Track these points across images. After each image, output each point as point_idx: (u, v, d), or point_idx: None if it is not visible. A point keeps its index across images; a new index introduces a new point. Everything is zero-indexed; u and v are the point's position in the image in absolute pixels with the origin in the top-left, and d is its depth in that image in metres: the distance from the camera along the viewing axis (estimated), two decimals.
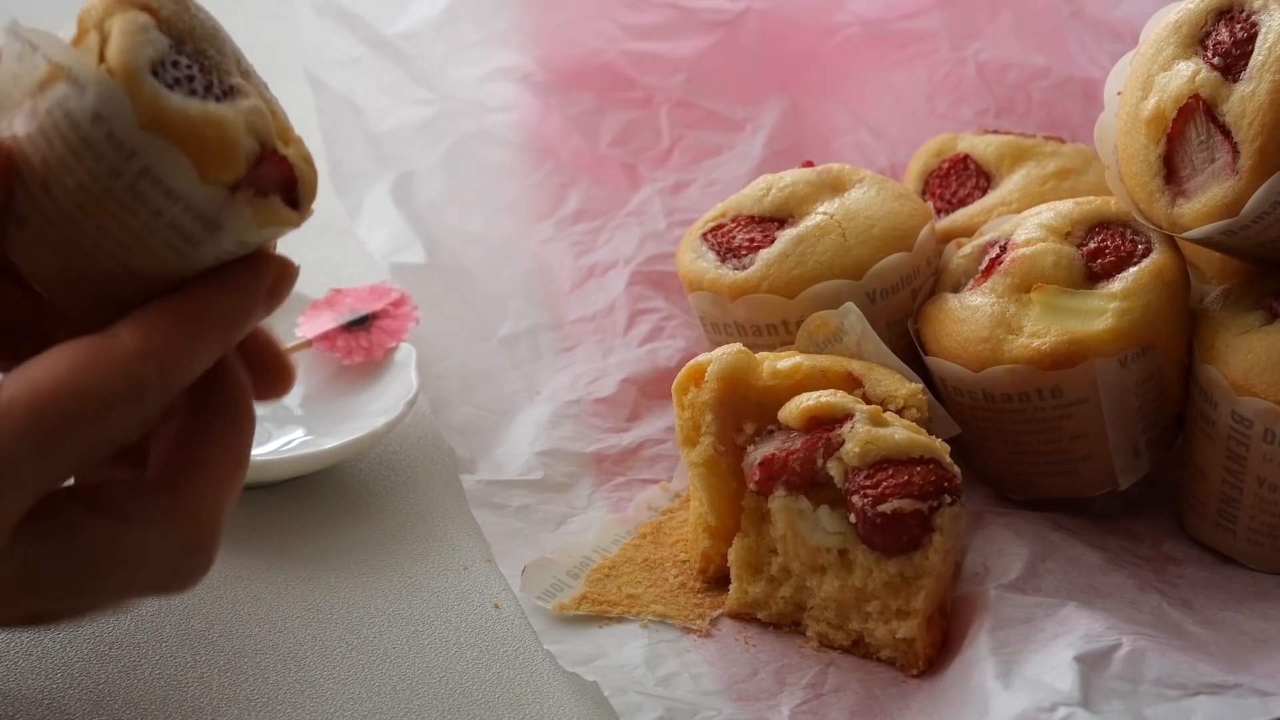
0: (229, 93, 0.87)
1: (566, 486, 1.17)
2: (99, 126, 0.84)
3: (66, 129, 0.84)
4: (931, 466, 1.02)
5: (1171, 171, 1.09)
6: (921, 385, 1.09)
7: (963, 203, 1.27)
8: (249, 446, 0.88)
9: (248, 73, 0.90)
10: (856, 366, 1.09)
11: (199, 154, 0.85)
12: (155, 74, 0.84)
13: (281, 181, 0.88)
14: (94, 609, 0.86)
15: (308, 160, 0.91)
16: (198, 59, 0.87)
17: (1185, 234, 1.09)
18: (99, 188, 0.85)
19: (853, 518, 1.03)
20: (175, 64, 0.85)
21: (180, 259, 0.87)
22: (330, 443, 1.16)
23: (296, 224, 0.90)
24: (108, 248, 0.87)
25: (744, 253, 1.18)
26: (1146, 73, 1.11)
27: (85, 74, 0.84)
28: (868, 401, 1.06)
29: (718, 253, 1.19)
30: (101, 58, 0.84)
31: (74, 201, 0.85)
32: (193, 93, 0.86)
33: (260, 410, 1.20)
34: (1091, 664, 0.99)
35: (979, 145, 1.29)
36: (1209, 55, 1.08)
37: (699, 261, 1.19)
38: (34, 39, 0.85)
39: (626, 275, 1.33)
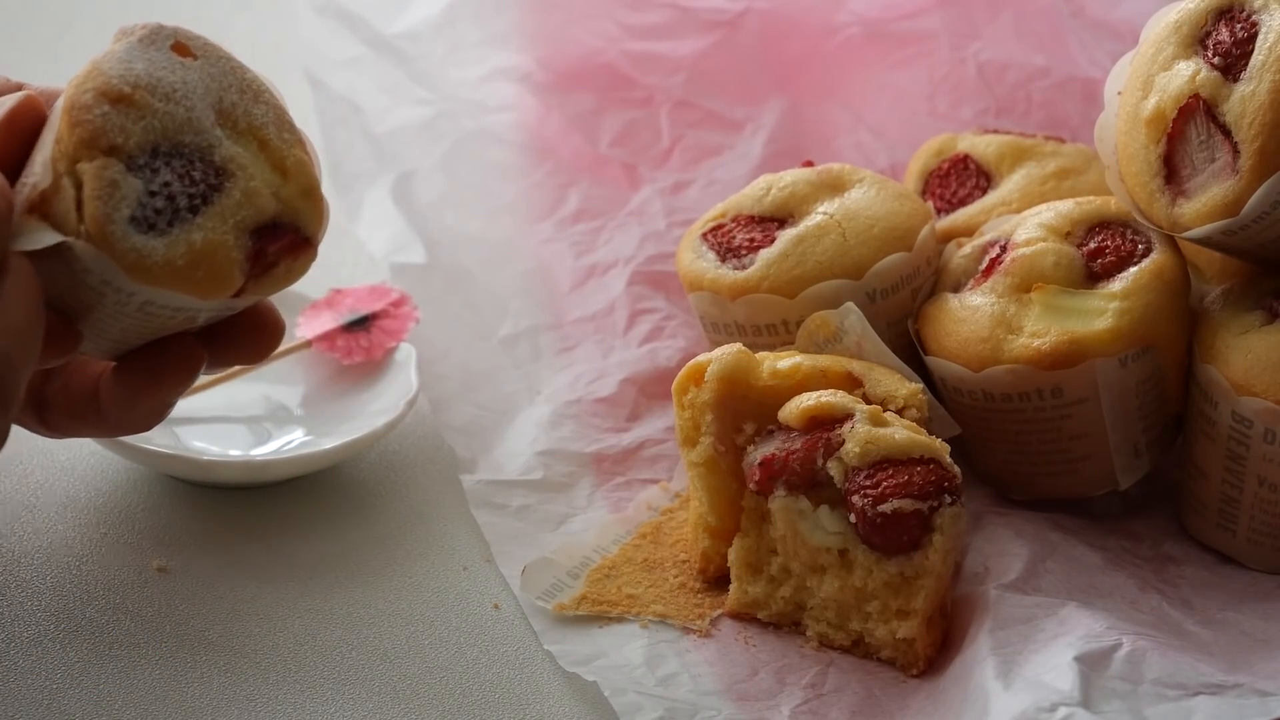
0: (215, 183, 0.89)
1: (566, 486, 1.17)
2: (93, 276, 0.86)
3: (65, 262, 0.87)
4: (931, 466, 1.02)
5: (1172, 171, 1.09)
6: (921, 385, 1.09)
7: (963, 203, 1.27)
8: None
9: (232, 108, 0.91)
10: (856, 366, 1.09)
11: (193, 290, 0.88)
12: (135, 219, 0.87)
13: (286, 247, 0.91)
14: None
15: (307, 191, 0.92)
16: (176, 154, 0.88)
17: (1185, 234, 1.09)
18: (109, 309, 0.89)
19: (853, 518, 1.03)
20: (153, 193, 0.88)
21: (202, 323, 0.93)
22: (330, 443, 1.16)
23: (313, 258, 0.93)
24: (131, 335, 0.92)
25: (744, 253, 1.18)
26: (1146, 73, 1.11)
27: (69, 230, 0.86)
28: (868, 401, 1.06)
29: (718, 253, 1.19)
30: (79, 214, 0.86)
31: (91, 312, 0.89)
32: (175, 214, 0.88)
33: (261, 410, 1.21)
34: (1092, 664, 0.99)
35: (979, 145, 1.29)
36: (1209, 55, 1.08)
37: (699, 261, 1.19)
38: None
39: (626, 275, 1.32)
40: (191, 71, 0.90)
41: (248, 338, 0.96)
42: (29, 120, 0.90)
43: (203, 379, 1.19)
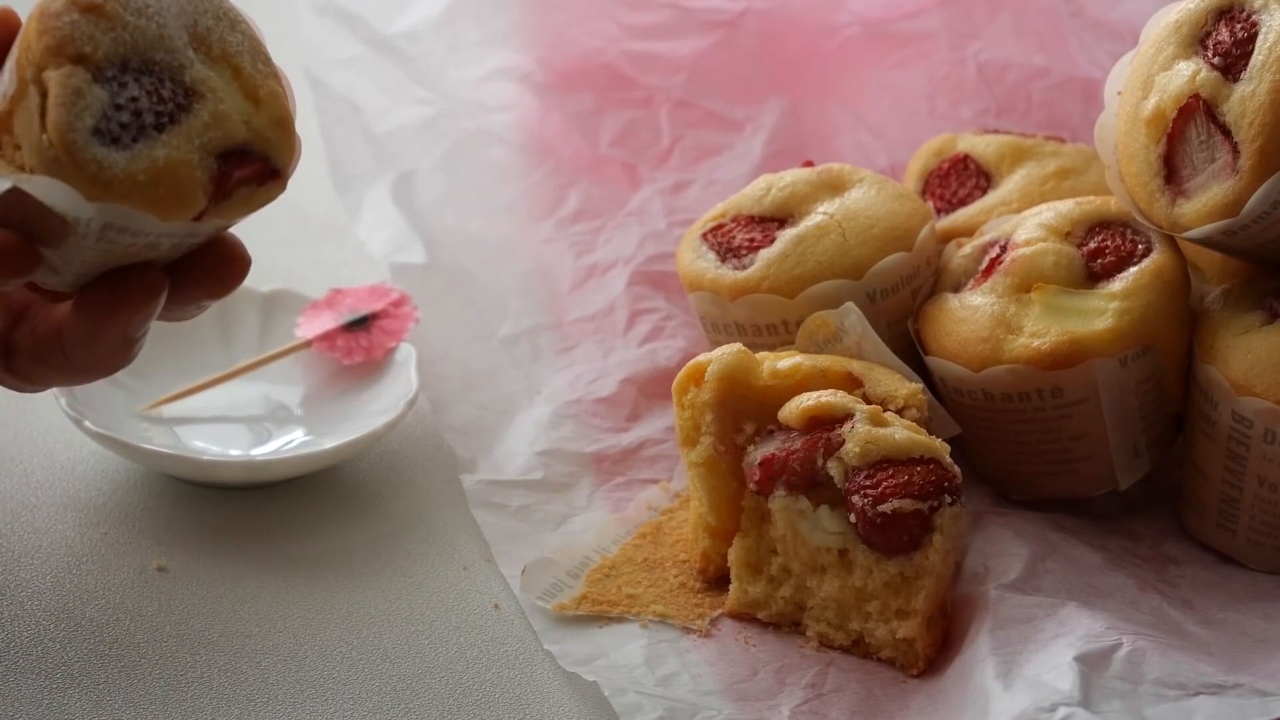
0: (184, 103, 0.88)
1: (566, 486, 1.17)
2: (50, 207, 0.85)
3: (24, 195, 0.86)
4: (931, 466, 1.02)
5: (1171, 171, 1.09)
6: (921, 385, 1.09)
7: (963, 203, 1.27)
8: None
9: (207, 32, 0.90)
10: (856, 366, 1.09)
11: (153, 207, 0.86)
12: (99, 131, 0.85)
13: (253, 174, 0.89)
14: None
15: (279, 121, 0.91)
16: (146, 72, 0.87)
17: (1185, 234, 1.09)
18: (70, 241, 0.87)
19: (853, 518, 1.03)
20: (119, 107, 0.86)
21: (165, 254, 0.90)
22: (330, 443, 1.16)
23: (281, 191, 0.91)
24: (93, 268, 0.90)
25: (744, 253, 1.18)
26: (1146, 73, 1.11)
27: (32, 137, 0.85)
28: (868, 401, 1.06)
29: (718, 253, 1.19)
30: (42, 121, 0.85)
31: (53, 244, 0.88)
32: (141, 130, 0.86)
33: (260, 410, 1.21)
34: (1092, 664, 0.99)
35: (979, 145, 1.29)
36: (1209, 55, 1.08)
37: (699, 261, 1.19)
38: None
39: (626, 275, 1.32)
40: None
41: (213, 270, 0.93)
42: (6, 31, 0.89)
43: (204, 378, 1.20)
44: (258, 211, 0.92)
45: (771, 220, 1.19)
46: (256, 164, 0.90)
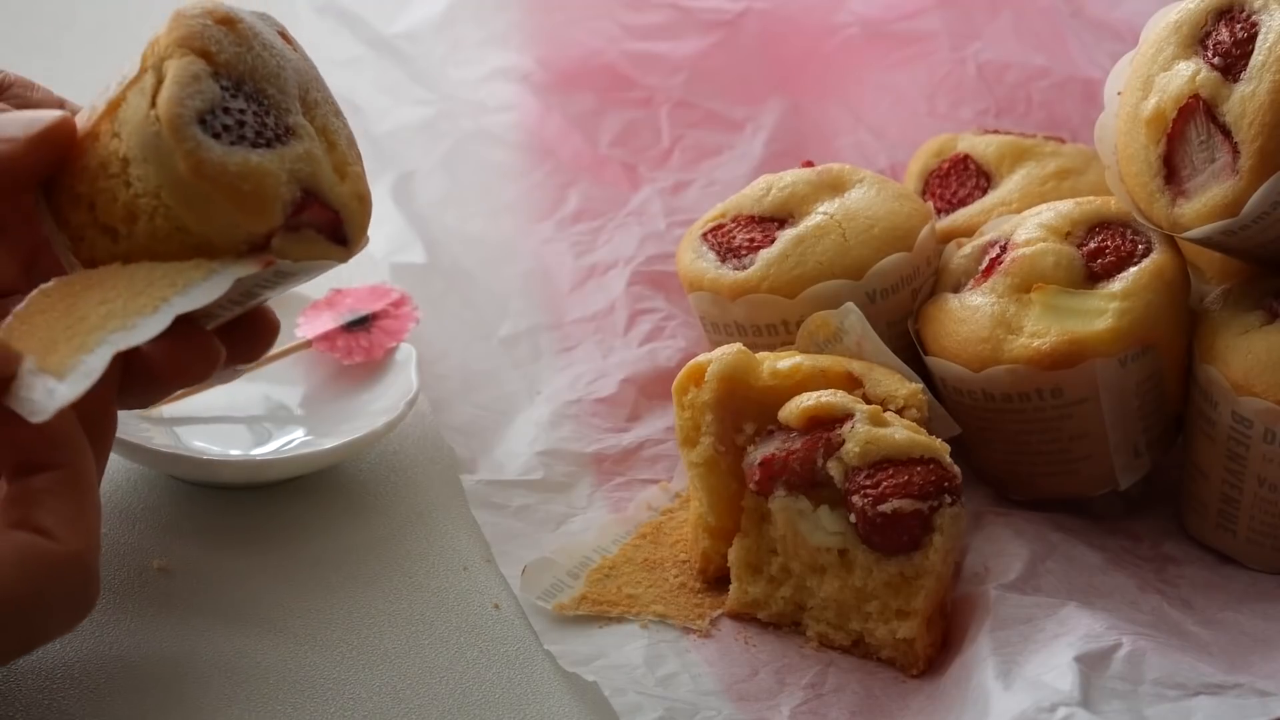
0: (283, 135, 0.91)
1: (566, 486, 1.17)
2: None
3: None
4: (931, 466, 1.02)
5: (1171, 171, 1.09)
6: (921, 385, 1.09)
7: (963, 203, 1.27)
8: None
9: (314, 104, 0.94)
10: (856, 366, 1.09)
11: (236, 202, 0.89)
12: (204, 122, 0.88)
13: (324, 224, 0.91)
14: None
15: (360, 197, 0.94)
16: (256, 99, 0.90)
17: (1185, 234, 1.09)
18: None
19: (853, 518, 1.03)
20: (226, 110, 0.89)
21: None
22: (330, 443, 1.16)
23: (343, 258, 0.94)
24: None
25: (744, 253, 1.18)
26: (1146, 73, 1.11)
27: (139, 115, 0.88)
28: (868, 401, 1.06)
29: (718, 253, 1.19)
30: (154, 103, 0.88)
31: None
32: (240, 139, 0.89)
33: (261, 410, 1.21)
34: (1091, 664, 0.99)
35: (979, 145, 1.29)
36: (1209, 55, 1.08)
37: (699, 261, 1.19)
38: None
39: (626, 275, 1.33)
40: (290, 55, 0.93)
41: (246, 335, 0.97)
42: (64, 137, 0.91)
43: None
44: (310, 280, 0.95)
45: (771, 220, 1.19)
46: (330, 215, 0.92)
